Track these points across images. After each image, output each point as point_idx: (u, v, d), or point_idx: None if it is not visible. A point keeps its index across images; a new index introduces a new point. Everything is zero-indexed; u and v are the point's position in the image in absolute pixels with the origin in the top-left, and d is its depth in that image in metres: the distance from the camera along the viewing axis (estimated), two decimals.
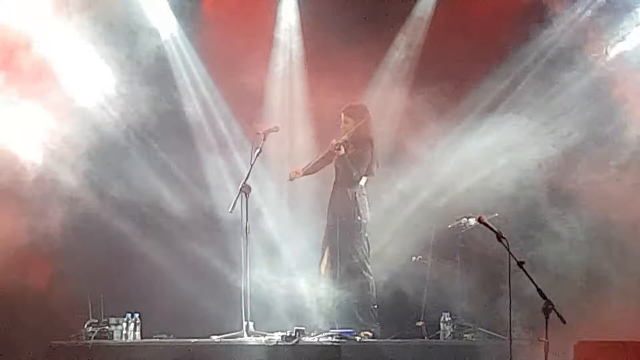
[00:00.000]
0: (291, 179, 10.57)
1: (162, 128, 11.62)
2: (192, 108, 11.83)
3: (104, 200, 11.35)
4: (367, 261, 10.32)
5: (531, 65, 11.17)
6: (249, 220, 10.12)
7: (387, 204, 11.27)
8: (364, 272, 10.27)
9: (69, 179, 11.13)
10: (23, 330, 10.37)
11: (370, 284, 10.28)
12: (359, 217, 10.29)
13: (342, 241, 10.26)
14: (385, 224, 11.21)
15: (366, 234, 10.37)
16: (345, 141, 10.39)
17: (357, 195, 10.33)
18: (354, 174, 10.30)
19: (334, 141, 10.37)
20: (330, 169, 10.61)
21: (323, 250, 10.43)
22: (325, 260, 10.38)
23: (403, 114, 11.40)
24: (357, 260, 10.25)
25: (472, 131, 11.11)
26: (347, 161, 10.31)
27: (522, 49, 11.13)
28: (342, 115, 10.51)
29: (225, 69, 11.63)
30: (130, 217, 11.38)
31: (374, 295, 10.30)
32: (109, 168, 11.40)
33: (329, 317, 10.22)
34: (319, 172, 10.72)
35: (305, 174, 10.62)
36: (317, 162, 10.57)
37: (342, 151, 10.32)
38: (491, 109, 11.20)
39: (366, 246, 10.34)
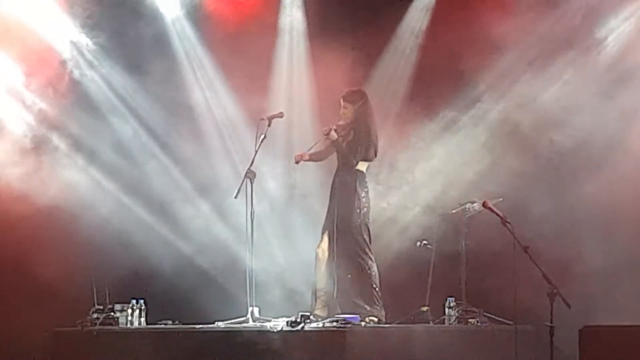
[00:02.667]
0: (297, 162, 10.48)
1: (165, 116, 11.66)
2: (196, 92, 11.83)
3: (108, 188, 11.40)
4: (368, 247, 10.26)
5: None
6: (253, 206, 10.13)
7: (392, 187, 11.30)
8: (364, 257, 10.21)
9: (72, 161, 11.23)
10: (28, 317, 10.39)
11: (372, 269, 10.23)
12: (358, 204, 10.24)
13: (342, 227, 10.21)
14: (390, 210, 11.24)
15: (367, 220, 10.32)
16: (339, 126, 10.34)
17: (357, 181, 10.27)
18: (350, 160, 10.25)
19: (325, 128, 10.33)
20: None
21: (322, 234, 10.39)
22: (323, 245, 10.35)
23: (408, 97, 11.43)
24: (356, 246, 10.20)
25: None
26: (343, 147, 10.28)
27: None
28: (341, 101, 10.46)
29: (229, 53, 11.59)
30: (137, 204, 11.41)
31: (377, 280, 10.27)
32: (112, 152, 11.47)
33: (330, 303, 10.20)
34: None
35: (310, 159, 10.56)
36: (320, 152, 10.51)
37: (335, 136, 10.27)
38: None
39: (367, 232, 10.29)
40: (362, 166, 10.34)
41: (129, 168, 11.54)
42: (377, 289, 10.21)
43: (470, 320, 10.21)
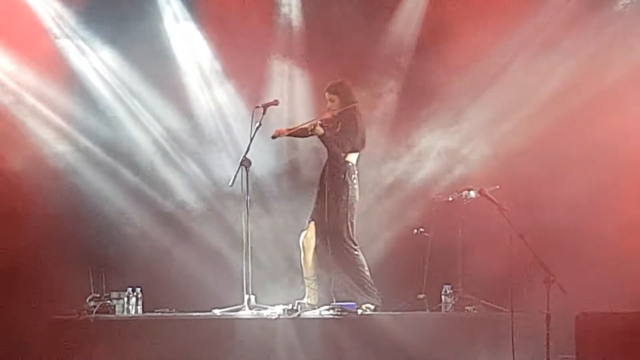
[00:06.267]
0: (274, 137, 10.33)
1: (160, 100, 11.66)
2: (191, 80, 11.82)
3: (103, 175, 11.41)
4: (351, 238, 10.22)
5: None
6: (249, 193, 10.12)
7: (387, 178, 11.31)
8: (349, 248, 10.18)
9: (66, 151, 11.25)
10: (24, 305, 10.39)
11: (359, 258, 10.20)
12: (346, 195, 10.20)
13: (330, 218, 10.18)
14: (386, 197, 11.25)
15: (353, 211, 10.25)
16: (325, 120, 10.30)
17: (346, 172, 10.23)
18: (339, 152, 10.20)
19: (309, 124, 10.24)
20: None
21: (308, 222, 10.37)
22: (308, 234, 10.32)
23: (402, 86, 11.41)
24: (341, 237, 10.16)
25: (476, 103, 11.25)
26: (330, 140, 10.22)
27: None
28: (327, 94, 10.39)
29: (225, 41, 11.57)
30: (131, 191, 11.42)
31: (366, 269, 10.24)
32: (107, 142, 11.48)
33: (319, 290, 10.17)
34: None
35: (290, 135, 10.45)
36: (302, 129, 10.35)
37: (320, 131, 10.21)
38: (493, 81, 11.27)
39: (353, 223, 10.25)
40: (351, 157, 10.31)
41: (123, 151, 11.55)
42: (368, 278, 10.19)
43: (466, 307, 10.21)
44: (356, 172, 10.32)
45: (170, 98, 11.67)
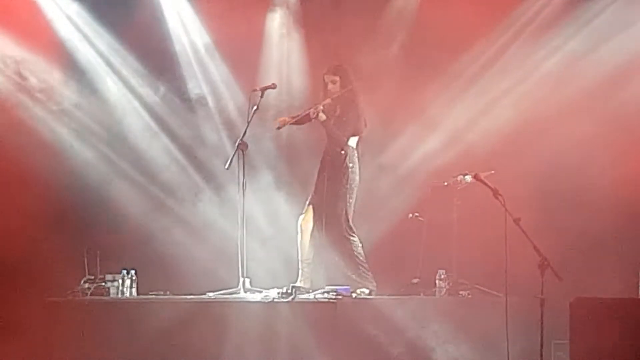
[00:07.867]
0: (279, 128, 10.36)
1: (155, 84, 11.63)
2: (187, 63, 11.80)
3: (98, 157, 11.41)
4: (350, 223, 10.18)
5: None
6: (245, 177, 10.11)
7: (384, 160, 11.30)
8: (345, 233, 10.15)
9: (61, 134, 11.23)
10: (19, 287, 10.39)
11: (355, 243, 10.19)
12: (346, 179, 10.17)
13: (329, 202, 10.17)
14: (382, 181, 11.24)
15: (353, 195, 10.23)
16: (327, 104, 10.25)
17: (347, 156, 10.19)
18: (340, 137, 10.17)
19: (312, 110, 10.21)
20: None
21: (307, 206, 10.36)
22: (307, 217, 10.31)
23: (400, 71, 11.37)
24: (340, 222, 10.15)
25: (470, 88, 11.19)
26: (331, 126, 10.18)
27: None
28: (329, 75, 10.28)
29: (221, 26, 11.54)
30: (126, 174, 11.42)
31: (362, 253, 10.23)
32: (101, 123, 11.47)
33: (313, 274, 10.18)
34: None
35: (294, 123, 10.42)
36: (302, 117, 10.35)
37: (323, 117, 10.15)
38: (488, 66, 11.23)
39: (351, 207, 10.24)
40: (352, 141, 10.28)
41: (116, 132, 11.54)
42: (363, 262, 10.18)
43: (461, 292, 10.24)
44: (357, 155, 10.29)
45: (166, 79, 11.68)
